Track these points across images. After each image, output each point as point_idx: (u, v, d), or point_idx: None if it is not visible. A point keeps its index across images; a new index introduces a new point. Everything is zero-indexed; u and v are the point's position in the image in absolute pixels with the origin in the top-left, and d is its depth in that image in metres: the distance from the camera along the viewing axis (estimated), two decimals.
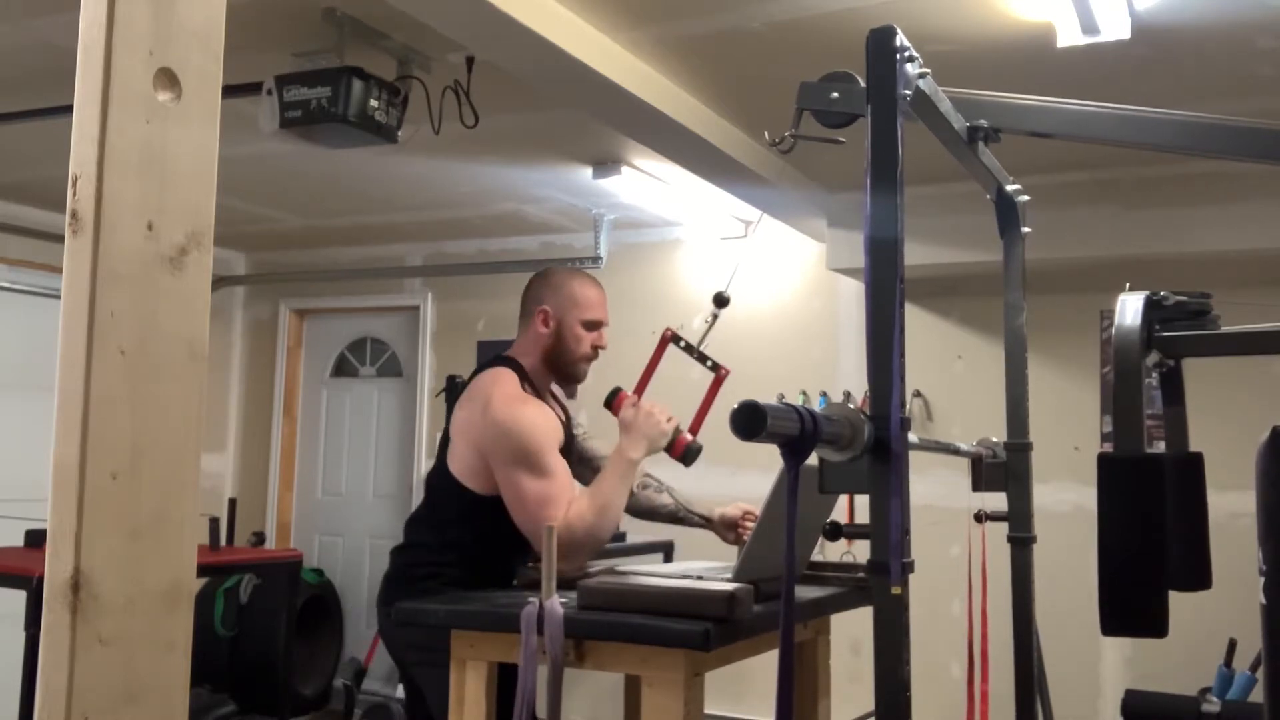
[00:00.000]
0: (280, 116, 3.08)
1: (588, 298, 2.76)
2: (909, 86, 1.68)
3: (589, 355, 2.77)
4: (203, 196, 1.12)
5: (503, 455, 2.55)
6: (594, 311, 2.76)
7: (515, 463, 2.54)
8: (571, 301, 2.74)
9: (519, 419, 2.57)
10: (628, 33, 3.02)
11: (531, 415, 2.60)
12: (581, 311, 2.74)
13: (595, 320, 2.76)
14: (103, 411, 1.02)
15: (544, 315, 2.75)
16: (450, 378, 5.91)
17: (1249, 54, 3.03)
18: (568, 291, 2.75)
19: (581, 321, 2.74)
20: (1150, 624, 1.57)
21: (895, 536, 1.51)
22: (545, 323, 2.74)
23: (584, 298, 2.75)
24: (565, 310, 2.74)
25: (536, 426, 2.58)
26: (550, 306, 2.75)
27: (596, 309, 2.77)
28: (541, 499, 2.51)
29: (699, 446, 2.65)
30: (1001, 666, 2.51)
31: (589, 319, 2.75)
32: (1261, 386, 4.28)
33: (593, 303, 2.76)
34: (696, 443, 2.65)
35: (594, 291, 2.79)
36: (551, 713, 2.10)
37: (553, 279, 2.81)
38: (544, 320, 2.75)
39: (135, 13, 1.05)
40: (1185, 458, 1.85)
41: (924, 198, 4.10)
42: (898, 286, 1.57)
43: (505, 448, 2.55)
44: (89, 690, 0.99)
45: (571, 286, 2.76)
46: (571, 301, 2.74)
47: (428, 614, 2.35)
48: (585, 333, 2.74)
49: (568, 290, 2.76)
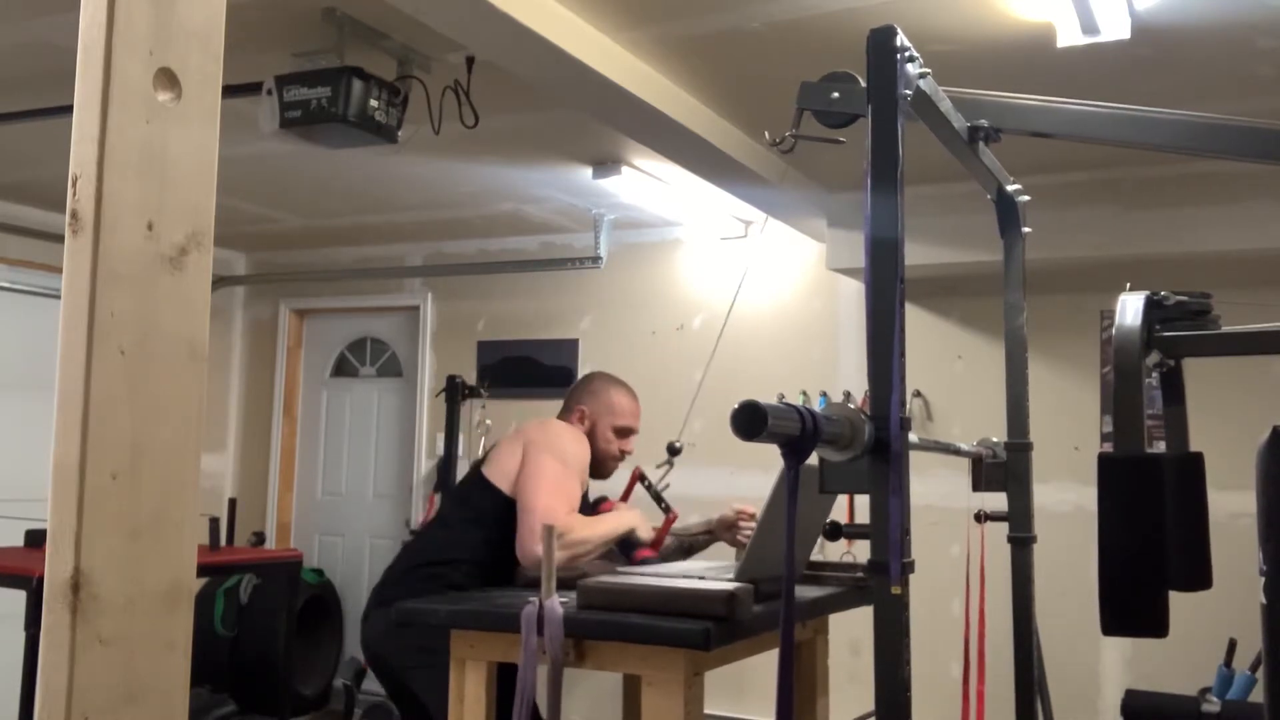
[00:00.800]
0: (280, 116, 3.08)
1: (622, 406, 3.09)
2: (909, 86, 1.68)
3: (616, 456, 3.09)
4: (203, 196, 1.12)
5: (542, 444, 2.85)
6: (626, 420, 3.09)
7: (549, 450, 2.83)
8: (607, 408, 3.08)
9: (569, 434, 2.95)
10: (628, 33, 3.02)
11: (579, 442, 2.96)
12: (615, 418, 3.07)
13: (626, 428, 3.09)
14: (103, 411, 1.02)
15: (580, 414, 3.07)
16: (450, 378, 5.91)
17: (1249, 54, 3.03)
18: (605, 398, 3.09)
19: (614, 427, 3.07)
20: (1150, 624, 1.57)
21: (895, 536, 1.51)
22: (580, 421, 3.06)
23: (619, 406, 3.09)
24: (600, 415, 3.06)
25: (579, 449, 2.94)
26: (588, 408, 3.07)
27: (629, 418, 3.10)
28: (557, 484, 2.76)
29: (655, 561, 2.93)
30: (1001, 666, 2.51)
31: (620, 425, 3.08)
32: (1261, 386, 4.28)
33: (626, 412, 3.09)
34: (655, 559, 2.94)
35: (629, 402, 3.11)
36: (551, 713, 2.10)
37: (594, 384, 3.16)
38: (579, 419, 3.06)
39: (135, 13, 1.05)
40: (1185, 458, 1.85)
41: (924, 198, 4.10)
42: (898, 286, 1.57)
43: (548, 442, 2.87)
44: (89, 690, 0.99)
45: (610, 394, 3.10)
46: (607, 408, 3.08)
47: (428, 614, 2.35)
48: (615, 437, 3.07)
49: (605, 397, 3.09)
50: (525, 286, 5.85)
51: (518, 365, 5.81)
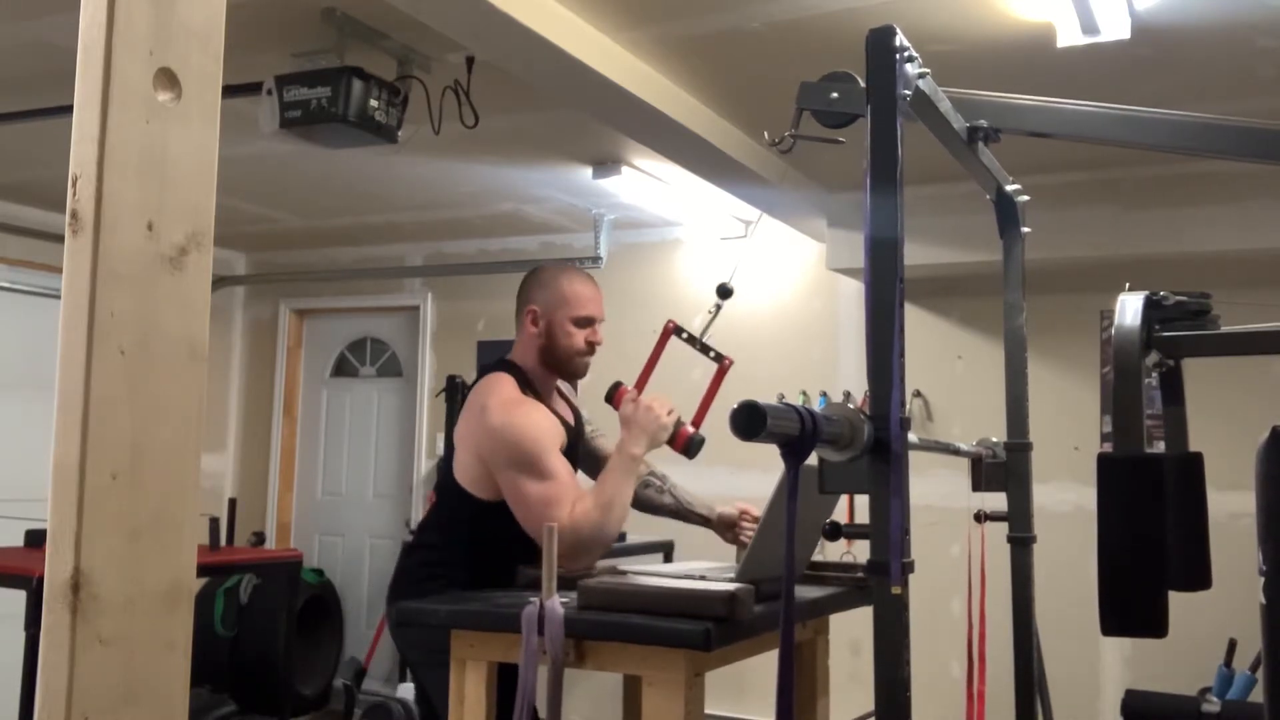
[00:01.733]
0: (280, 116, 3.08)
1: (577, 294, 2.71)
2: (909, 86, 1.68)
3: (583, 350, 2.72)
4: (203, 196, 1.12)
5: (503, 460, 2.54)
6: (584, 308, 2.71)
7: (515, 467, 2.53)
8: (560, 299, 2.70)
9: (515, 423, 2.55)
10: (628, 33, 3.02)
11: (528, 418, 2.57)
12: (571, 309, 2.69)
13: (587, 316, 2.71)
14: (103, 411, 1.02)
15: (532, 315, 2.71)
16: (450, 378, 5.91)
17: (1249, 54, 3.03)
18: (555, 289, 2.71)
19: (571, 319, 2.69)
20: (1150, 624, 1.57)
21: (895, 536, 1.51)
22: (534, 322, 2.71)
23: (573, 294, 2.70)
24: (554, 308, 2.69)
25: (534, 428, 2.56)
26: (538, 305, 2.71)
27: (587, 305, 2.71)
28: (544, 500, 2.49)
29: (701, 438, 2.63)
30: (1001, 666, 2.51)
31: (579, 315, 2.70)
32: (1261, 386, 4.28)
33: (582, 299, 2.71)
34: (699, 434, 2.63)
35: (584, 288, 2.73)
36: (551, 713, 2.10)
37: (541, 276, 2.77)
38: (532, 320, 2.72)
39: (135, 13, 1.05)
40: (1185, 458, 1.85)
41: (924, 198, 4.10)
42: (898, 286, 1.57)
43: (504, 453, 2.54)
44: (89, 690, 0.99)
45: (559, 283, 2.72)
46: (560, 299, 2.70)
47: (428, 614, 2.35)
48: (576, 329, 2.70)
49: (555, 287, 2.71)
50: None
51: None
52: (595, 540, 2.52)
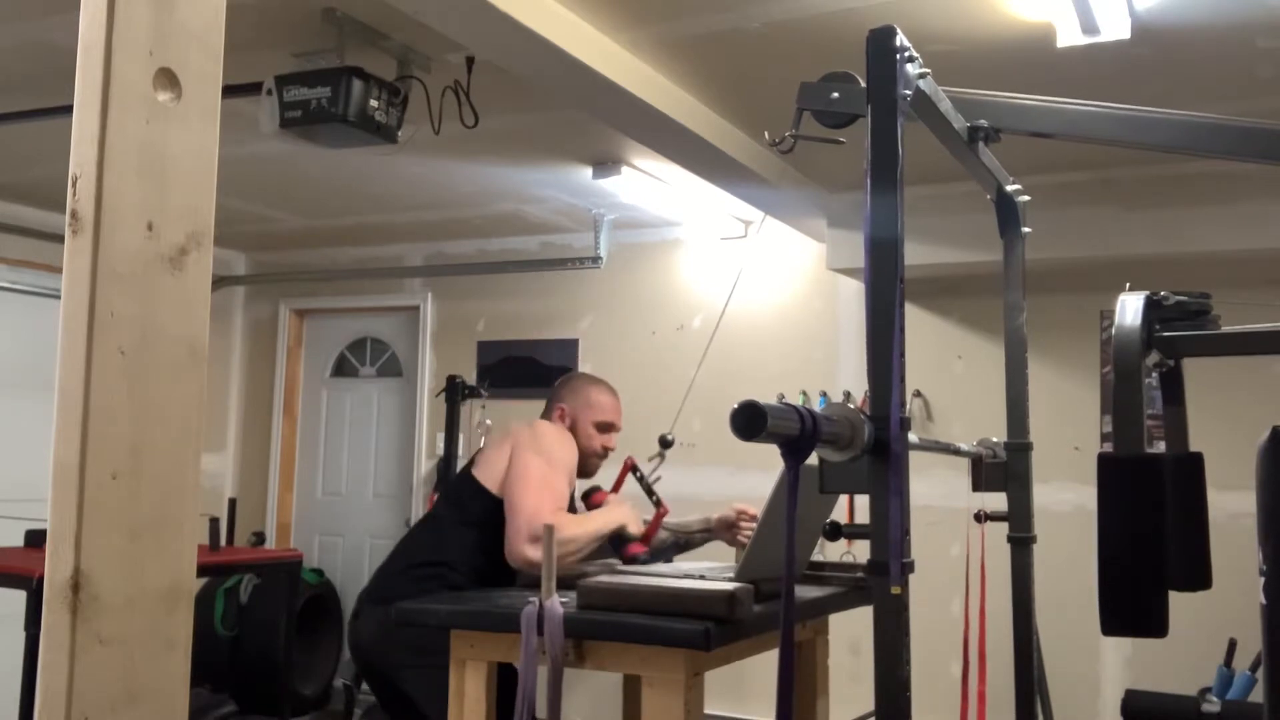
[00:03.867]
0: (280, 116, 3.08)
1: (601, 403, 3.11)
2: (909, 86, 1.68)
3: (598, 453, 3.10)
4: (203, 196, 1.12)
5: (528, 444, 2.88)
6: (606, 415, 3.10)
7: (535, 450, 2.86)
8: (586, 404, 3.09)
9: (555, 434, 2.99)
10: (628, 33, 3.01)
11: (566, 441, 2.99)
12: (595, 414, 3.09)
13: (607, 423, 3.10)
14: (103, 411, 1.02)
15: (561, 412, 3.09)
16: (450, 378, 5.91)
17: (1249, 54, 3.03)
18: (584, 395, 3.12)
19: (594, 423, 3.08)
20: (1150, 624, 1.57)
21: (895, 536, 1.51)
22: (561, 419, 3.08)
23: (598, 402, 3.11)
24: (580, 411, 3.08)
25: (566, 448, 2.96)
26: (567, 405, 3.09)
27: (609, 413, 3.11)
28: (544, 480, 2.79)
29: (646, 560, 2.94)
30: (1001, 666, 2.51)
31: (601, 421, 3.09)
32: (1261, 386, 4.28)
33: (606, 408, 3.11)
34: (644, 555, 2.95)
35: (608, 398, 3.13)
36: (551, 713, 2.10)
37: (573, 382, 3.20)
38: (560, 416, 3.08)
39: (135, 13, 1.05)
40: (1185, 458, 1.85)
41: (924, 198, 4.10)
42: (898, 286, 1.57)
43: (533, 440, 2.90)
44: (89, 690, 0.99)
45: (589, 391, 3.13)
46: (586, 404, 3.09)
47: (428, 614, 2.35)
48: (596, 433, 3.08)
49: (584, 394, 3.12)
50: (525, 286, 5.85)
51: (518, 365, 5.81)
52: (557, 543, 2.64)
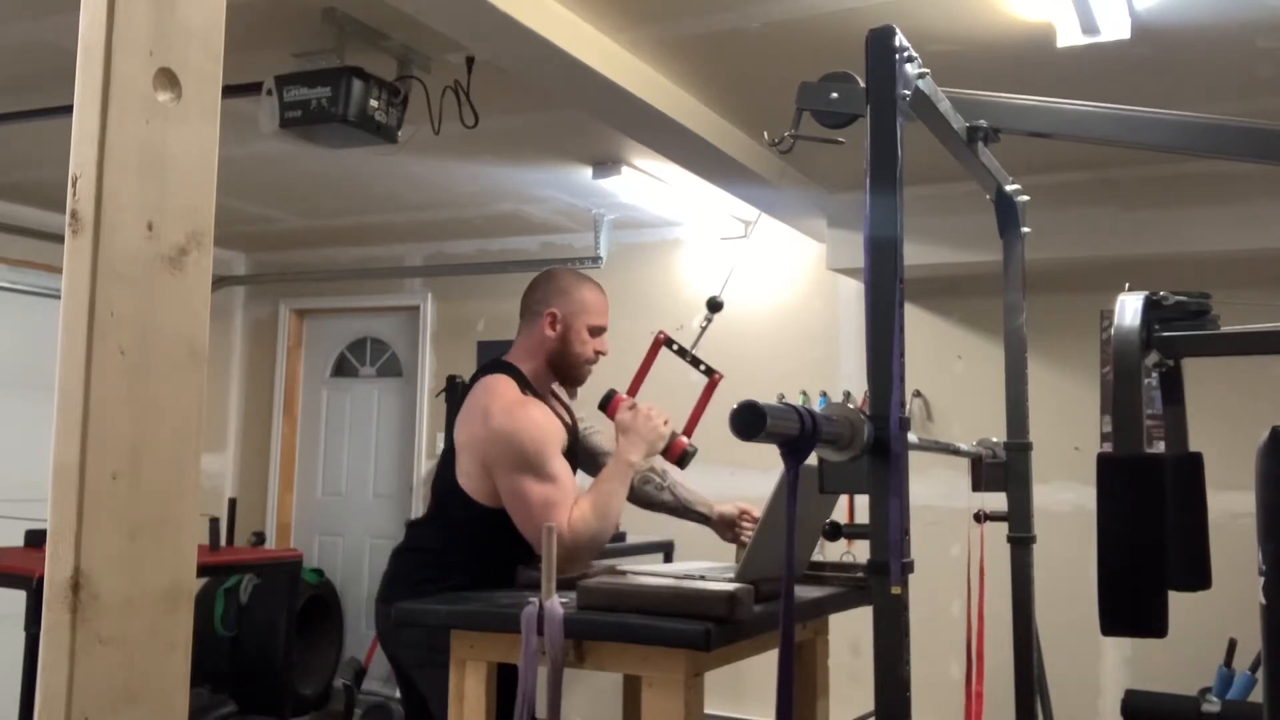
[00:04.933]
0: (280, 116, 3.08)
1: (595, 303, 2.80)
2: (909, 86, 1.68)
3: (592, 359, 2.80)
4: (203, 196, 1.12)
5: (506, 463, 2.56)
6: (600, 317, 2.80)
7: (518, 469, 2.55)
8: (580, 306, 2.77)
9: (520, 425, 2.58)
10: (628, 33, 3.02)
11: (531, 420, 2.60)
12: (589, 317, 2.78)
13: (601, 325, 2.81)
14: (103, 411, 1.02)
15: (552, 318, 2.77)
16: (450, 378, 5.91)
17: (1249, 54, 3.03)
18: (577, 295, 2.79)
19: (589, 326, 2.77)
20: (1150, 624, 1.57)
21: (895, 536, 1.51)
22: (553, 325, 2.76)
23: (592, 303, 2.79)
24: (574, 315, 2.76)
25: (537, 430, 2.59)
26: (559, 309, 2.77)
27: (603, 314, 2.82)
28: (545, 503, 2.52)
29: (694, 450, 2.69)
30: (1001, 667, 2.51)
31: (595, 324, 2.79)
32: (1261, 386, 4.28)
33: (600, 308, 2.81)
34: (692, 446, 2.68)
35: (600, 297, 2.83)
36: (551, 713, 2.10)
37: (560, 282, 2.84)
38: (551, 323, 2.77)
39: (135, 13, 1.05)
40: (1185, 458, 1.85)
41: (924, 198, 4.09)
42: (898, 286, 1.57)
43: (508, 456, 2.56)
44: (89, 690, 0.99)
45: (581, 291, 2.80)
46: (580, 306, 2.77)
47: (428, 614, 2.35)
48: (590, 337, 2.78)
49: (577, 294, 2.79)
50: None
51: None
52: (591, 545, 2.55)
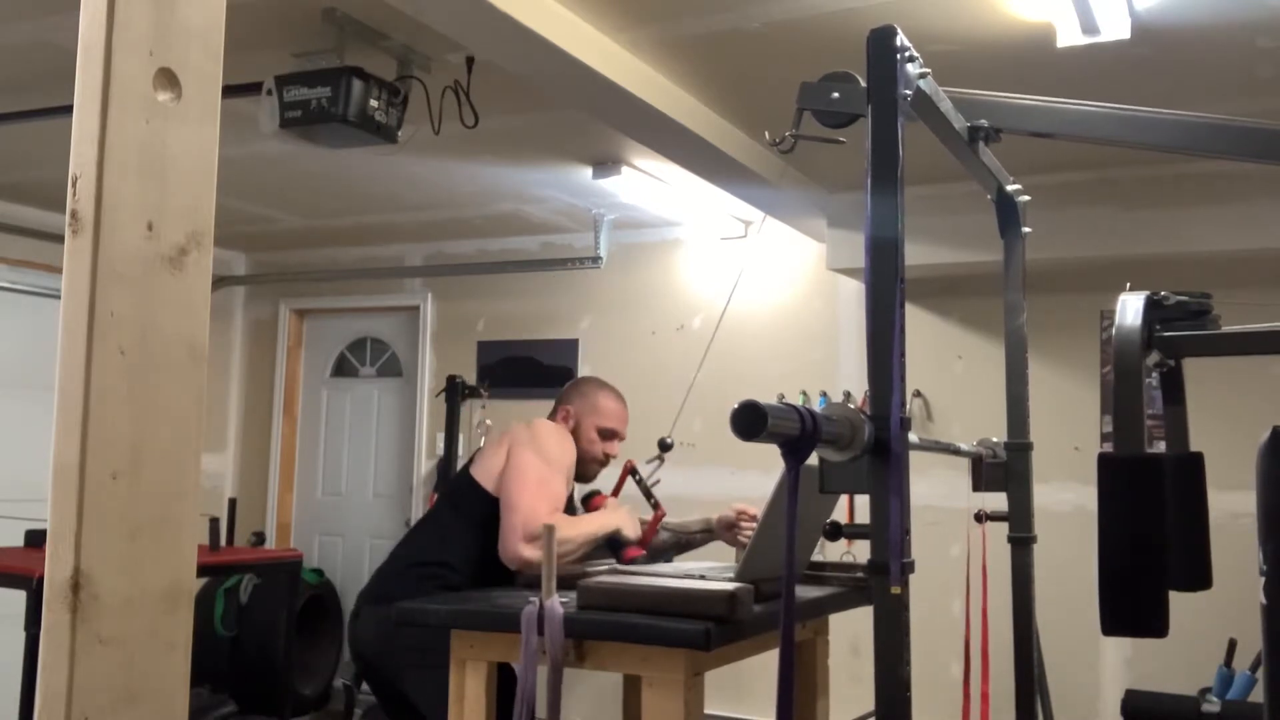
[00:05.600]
0: (280, 116, 3.08)
1: (608, 408, 3.08)
2: (909, 86, 1.68)
3: (599, 459, 3.06)
4: (203, 196, 1.12)
5: (526, 443, 2.86)
6: (610, 421, 3.07)
7: (532, 449, 2.84)
8: (592, 408, 3.07)
9: (554, 434, 2.95)
10: (628, 33, 3.01)
11: (564, 442, 2.95)
12: (599, 419, 3.06)
13: (610, 429, 3.07)
14: (103, 411, 1.02)
15: (565, 414, 3.07)
16: (450, 378, 5.91)
17: (1249, 54, 3.03)
18: (591, 399, 3.09)
19: (598, 428, 3.05)
20: (1150, 624, 1.57)
21: (895, 536, 1.51)
22: (565, 420, 3.05)
23: (604, 408, 3.08)
24: (585, 414, 3.06)
25: (564, 448, 2.93)
26: (573, 407, 3.07)
27: (614, 420, 3.08)
28: (541, 480, 2.78)
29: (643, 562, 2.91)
30: (1001, 666, 2.51)
31: (605, 427, 3.06)
32: (1261, 386, 4.28)
33: (611, 414, 3.08)
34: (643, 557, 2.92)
35: (615, 405, 3.10)
36: (551, 713, 2.10)
37: (583, 385, 3.17)
38: (564, 418, 3.06)
39: (135, 13, 1.05)
40: (1185, 458, 1.85)
41: (924, 198, 4.09)
42: (898, 286, 1.57)
43: (531, 439, 2.88)
44: (89, 690, 0.99)
45: (596, 396, 3.10)
46: (592, 408, 3.07)
47: (428, 614, 2.35)
48: (599, 439, 3.05)
49: (592, 398, 3.09)
50: (525, 286, 5.85)
51: (518, 365, 5.81)
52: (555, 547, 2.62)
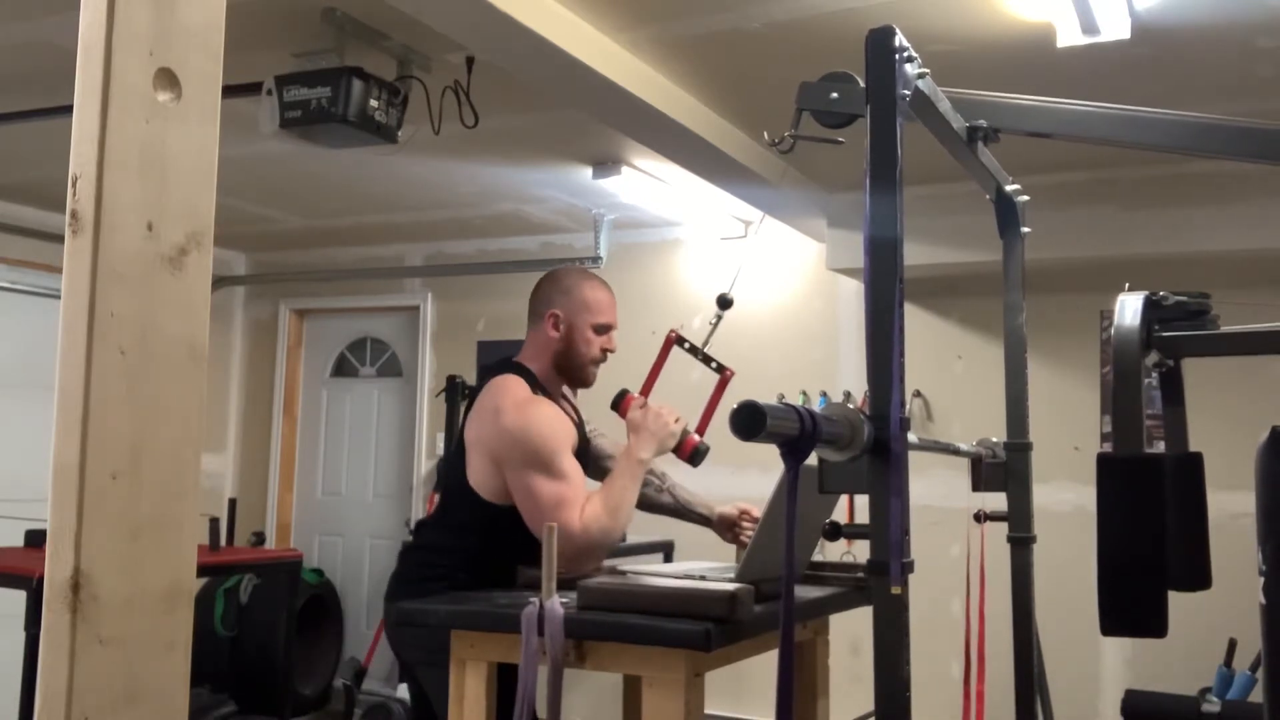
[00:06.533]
0: (280, 116, 3.08)
1: (599, 301, 2.75)
2: (908, 86, 1.68)
3: (598, 359, 2.76)
4: (203, 196, 1.12)
5: (517, 460, 2.54)
6: (604, 315, 2.75)
7: (529, 466, 2.53)
8: (583, 305, 2.73)
9: (531, 423, 2.56)
10: (628, 33, 3.02)
11: (544, 417, 2.59)
12: (592, 315, 2.73)
13: (605, 324, 2.75)
14: (103, 411, 1.02)
15: (554, 319, 2.73)
16: (450, 378, 5.91)
17: (1249, 54, 3.03)
18: (579, 295, 2.74)
19: (592, 325, 2.73)
20: (1150, 624, 1.57)
21: (895, 536, 1.51)
22: (555, 326, 2.73)
23: (595, 301, 2.74)
24: (576, 314, 2.73)
25: (549, 428, 2.57)
26: (561, 310, 2.73)
27: (607, 312, 2.76)
28: (556, 501, 2.49)
29: (707, 447, 2.67)
30: (1001, 666, 2.51)
31: (599, 323, 2.74)
32: (1261, 386, 4.28)
33: (604, 306, 2.76)
34: (704, 443, 2.67)
35: (605, 295, 2.78)
36: (551, 713, 2.10)
37: (564, 281, 2.80)
38: (554, 324, 2.73)
39: (135, 13, 1.05)
40: (1185, 458, 1.85)
41: (924, 198, 4.09)
42: (898, 286, 1.57)
43: (519, 452, 2.54)
44: (89, 690, 0.99)
45: (583, 290, 2.76)
46: (583, 305, 2.73)
47: (428, 614, 2.35)
48: (595, 336, 2.73)
49: (579, 293, 2.75)
50: (525, 286, 5.78)
51: None
52: (602, 544, 2.53)
